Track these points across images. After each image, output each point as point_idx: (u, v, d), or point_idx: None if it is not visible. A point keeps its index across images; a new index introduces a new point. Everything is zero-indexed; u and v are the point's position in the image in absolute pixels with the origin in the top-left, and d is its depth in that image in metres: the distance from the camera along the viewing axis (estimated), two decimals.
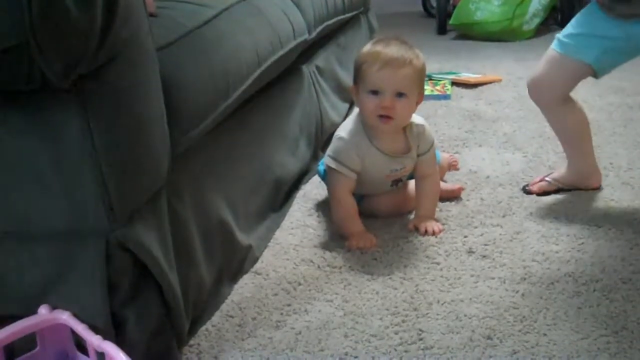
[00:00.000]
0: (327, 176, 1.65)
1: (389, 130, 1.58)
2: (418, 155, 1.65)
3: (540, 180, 1.81)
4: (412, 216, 1.68)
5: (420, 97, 1.59)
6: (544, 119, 2.30)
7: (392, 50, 1.53)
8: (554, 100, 1.70)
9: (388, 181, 1.67)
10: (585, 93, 2.43)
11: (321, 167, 1.73)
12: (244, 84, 1.42)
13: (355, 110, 1.66)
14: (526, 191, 1.81)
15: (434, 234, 1.59)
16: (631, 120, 2.30)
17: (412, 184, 1.71)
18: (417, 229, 1.61)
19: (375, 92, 1.53)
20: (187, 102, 1.18)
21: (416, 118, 1.63)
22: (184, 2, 1.35)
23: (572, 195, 1.78)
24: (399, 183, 1.70)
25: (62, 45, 0.84)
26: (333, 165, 1.60)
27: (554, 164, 1.98)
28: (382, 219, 1.67)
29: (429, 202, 1.66)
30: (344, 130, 1.63)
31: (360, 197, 1.66)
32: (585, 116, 1.74)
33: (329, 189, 1.67)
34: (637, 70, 2.62)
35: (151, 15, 1.18)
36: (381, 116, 1.54)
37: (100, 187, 0.96)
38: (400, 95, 1.53)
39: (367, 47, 1.58)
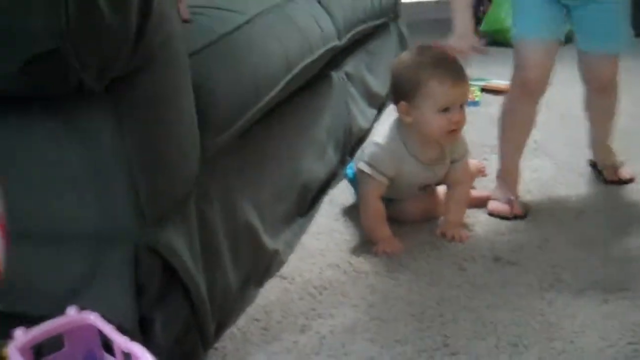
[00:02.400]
0: (358, 180, 1.66)
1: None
2: (451, 162, 1.65)
3: None
4: (439, 221, 1.68)
5: None
6: (575, 125, 2.27)
7: (453, 66, 1.54)
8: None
9: (418, 186, 1.68)
10: None
11: (350, 171, 1.74)
12: (273, 89, 1.43)
13: (389, 116, 1.66)
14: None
15: (460, 240, 1.59)
16: None
17: (440, 189, 1.71)
18: (444, 235, 1.61)
19: (446, 110, 1.54)
20: (217, 107, 1.19)
21: None
22: (216, 9, 1.37)
23: (600, 203, 1.76)
24: (427, 188, 1.70)
25: (96, 49, 0.86)
26: (367, 170, 1.60)
27: (585, 171, 1.96)
28: (409, 225, 1.67)
29: (458, 208, 1.66)
30: (380, 136, 1.63)
31: (387, 201, 1.66)
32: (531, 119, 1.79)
33: (359, 193, 1.67)
34: None
35: (185, 21, 1.20)
36: (451, 130, 1.56)
37: (131, 190, 0.98)
38: (461, 106, 1.55)
39: (426, 69, 1.53)
